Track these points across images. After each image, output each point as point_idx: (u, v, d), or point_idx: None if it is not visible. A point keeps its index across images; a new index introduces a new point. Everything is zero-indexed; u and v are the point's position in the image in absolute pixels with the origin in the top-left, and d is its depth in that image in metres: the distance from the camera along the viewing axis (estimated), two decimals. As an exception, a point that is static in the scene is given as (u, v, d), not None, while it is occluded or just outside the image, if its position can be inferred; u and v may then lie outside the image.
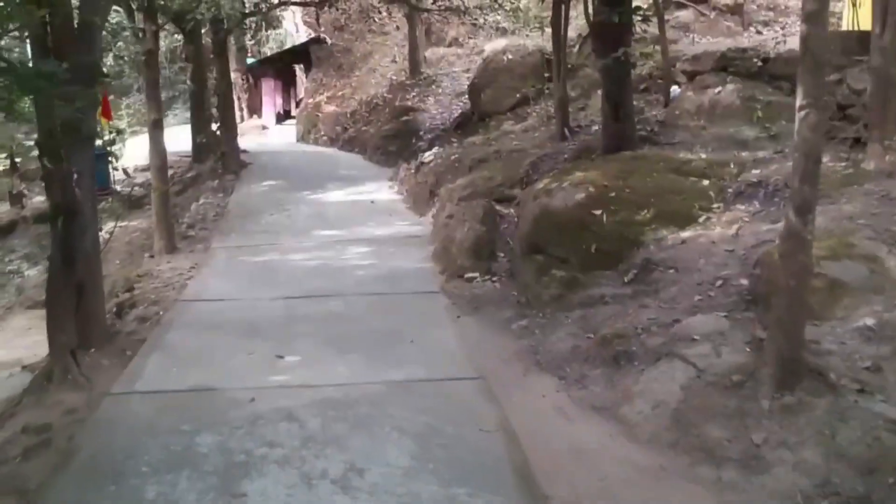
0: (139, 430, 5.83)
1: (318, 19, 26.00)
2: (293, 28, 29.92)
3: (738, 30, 17.50)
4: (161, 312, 8.82)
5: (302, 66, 29.67)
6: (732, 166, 9.24)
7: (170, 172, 13.86)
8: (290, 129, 27.31)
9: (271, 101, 30.46)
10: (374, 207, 14.47)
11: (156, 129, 12.11)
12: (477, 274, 9.47)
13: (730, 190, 8.75)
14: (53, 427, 6.02)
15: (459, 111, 18.61)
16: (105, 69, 11.18)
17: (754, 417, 5.20)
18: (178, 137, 19.33)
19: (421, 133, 18.71)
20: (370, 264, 10.66)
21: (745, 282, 6.73)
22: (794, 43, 12.54)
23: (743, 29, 17.55)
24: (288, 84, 30.56)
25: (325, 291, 9.38)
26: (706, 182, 8.94)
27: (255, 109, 30.70)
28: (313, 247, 11.81)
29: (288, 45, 29.56)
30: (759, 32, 17.26)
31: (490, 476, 5.14)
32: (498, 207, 10.65)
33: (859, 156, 8.85)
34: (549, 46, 14.93)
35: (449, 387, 6.61)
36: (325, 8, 22.19)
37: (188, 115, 20.91)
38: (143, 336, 8.07)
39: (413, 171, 15.57)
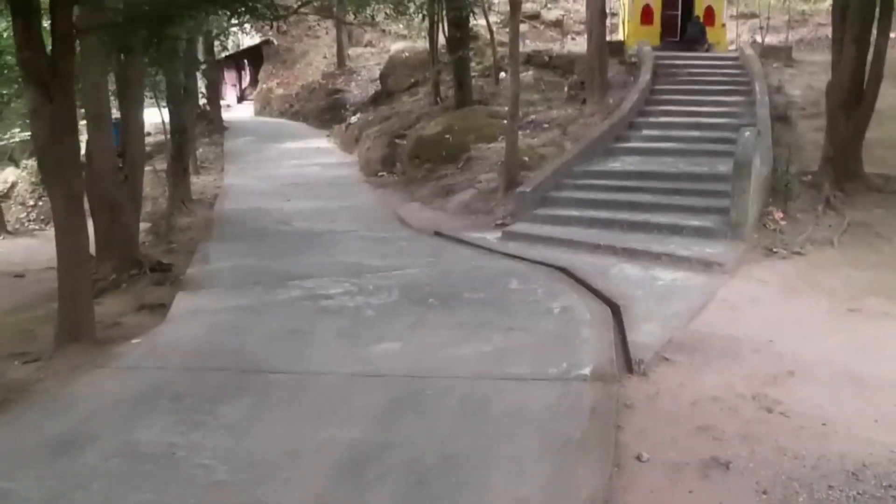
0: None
1: (272, 27, 32.08)
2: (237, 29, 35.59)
3: (559, 38, 24.38)
4: (217, 192, 15.35)
5: (248, 59, 35.62)
6: (521, 113, 16.13)
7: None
8: (246, 107, 33.34)
9: (232, 86, 36.80)
10: (319, 150, 21.05)
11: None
12: (385, 173, 16.27)
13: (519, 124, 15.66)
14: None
15: (373, 91, 24.96)
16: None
17: (496, 201, 12.08)
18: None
19: (347, 106, 25.11)
20: (323, 173, 17.34)
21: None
22: (569, 48, 19.78)
23: (563, 37, 24.38)
24: (240, 73, 36.63)
25: (301, 182, 16.03)
26: (505, 121, 15.80)
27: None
28: (286, 166, 18.38)
29: (238, 44, 35.30)
30: (573, 39, 24.21)
31: (391, 222, 12.09)
32: (397, 140, 17.35)
33: (585, 108, 15.89)
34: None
35: (375, 208, 13.44)
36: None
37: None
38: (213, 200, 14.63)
39: (343, 129, 22.12)
